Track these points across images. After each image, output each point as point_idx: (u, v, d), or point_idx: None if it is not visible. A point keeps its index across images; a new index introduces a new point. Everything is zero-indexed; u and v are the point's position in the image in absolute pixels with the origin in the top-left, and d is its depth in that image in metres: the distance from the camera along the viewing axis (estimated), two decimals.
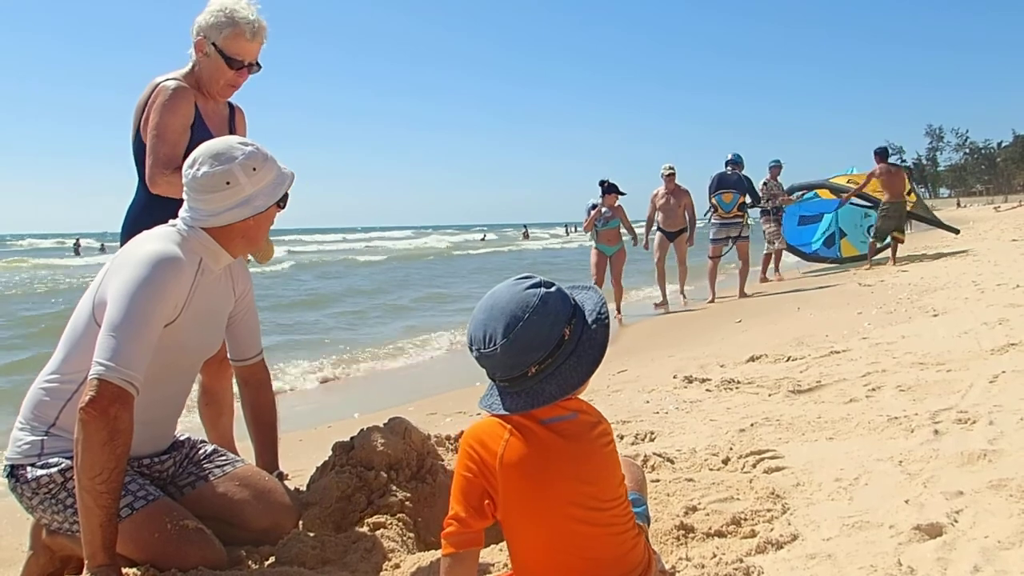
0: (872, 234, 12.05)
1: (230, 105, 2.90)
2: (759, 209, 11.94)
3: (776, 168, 12.17)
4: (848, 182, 12.98)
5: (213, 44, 2.63)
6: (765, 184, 12.03)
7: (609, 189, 9.19)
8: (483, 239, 57.88)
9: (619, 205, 9.35)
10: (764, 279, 12.09)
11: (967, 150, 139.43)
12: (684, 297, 10.38)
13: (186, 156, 2.55)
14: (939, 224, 13.49)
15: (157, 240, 2.03)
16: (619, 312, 9.29)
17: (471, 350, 1.50)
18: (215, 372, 2.83)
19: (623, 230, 9.55)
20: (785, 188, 12.67)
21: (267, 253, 2.62)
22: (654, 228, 10.29)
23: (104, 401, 1.77)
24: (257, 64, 2.74)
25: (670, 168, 10.20)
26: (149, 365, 1.88)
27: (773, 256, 12.45)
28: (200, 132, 2.66)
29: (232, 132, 2.83)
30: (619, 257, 9.48)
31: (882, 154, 11.63)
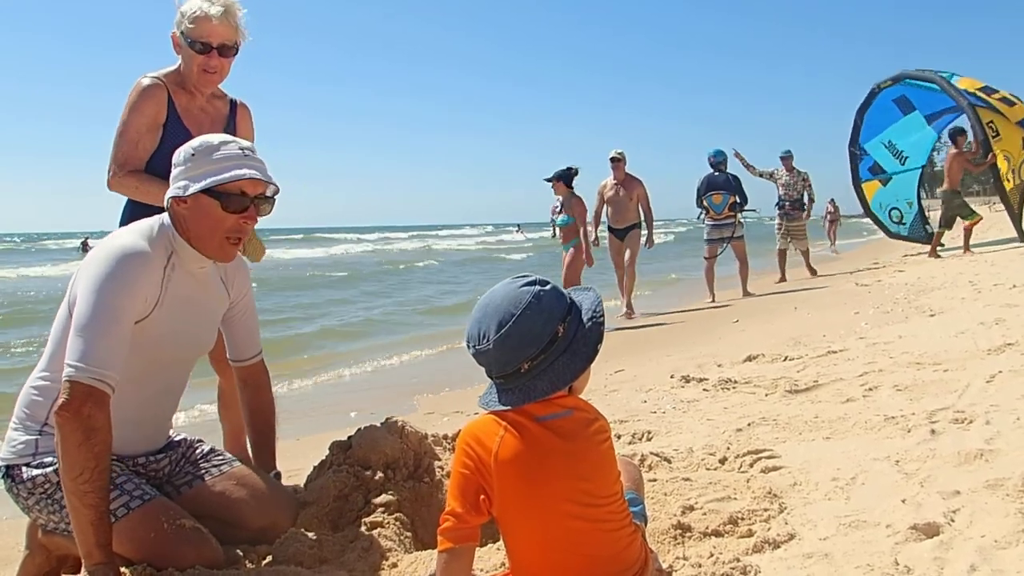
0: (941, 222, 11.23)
1: (232, 103, 2.87)
2: (775, 204, 11.43)
3: (787, 159, 11.19)
4: (977, 90, 11.37)
5: (182, 33, 2.62)
6: (772, 175, 11.22)
7: (556, 177, 7.93)
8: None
9: (578, 198, 8.04)
10: (812, 272, 11.57)
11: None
12: (630, 309, 8.85)
13: (158, 154, 2.60)
14: (1016, 221, 11.56)
15: (127, 235, 2.01)
16: None
17: (468, 347, 1.53)
18: (231, 375, 2.78)
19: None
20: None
21: (256, 253, 2.63)
22: (602, 227, 9.07)
23: (76, 402, 1.76)
24: (232, 48, 2.66)
25: (619, 152, 8.83)
26: (132, 363, 1.87)
27: (803, 253, 11.60)
28: (175, 129, 2.63)
29: (232, 130, 2.79)
30: (569, 258, 8.08)
31: (952, 135, 10.93)
